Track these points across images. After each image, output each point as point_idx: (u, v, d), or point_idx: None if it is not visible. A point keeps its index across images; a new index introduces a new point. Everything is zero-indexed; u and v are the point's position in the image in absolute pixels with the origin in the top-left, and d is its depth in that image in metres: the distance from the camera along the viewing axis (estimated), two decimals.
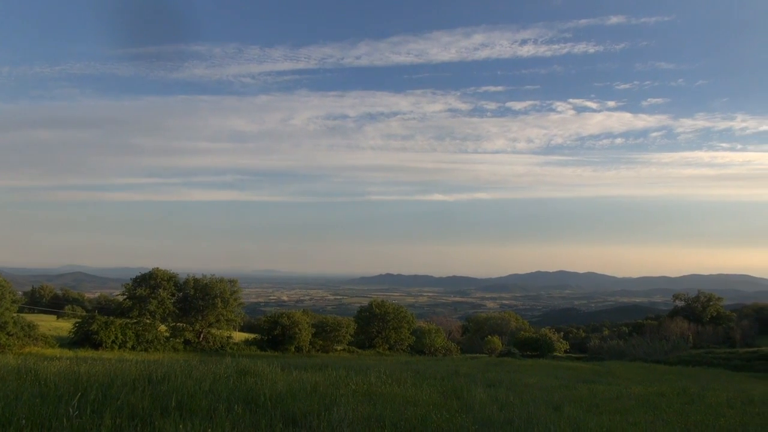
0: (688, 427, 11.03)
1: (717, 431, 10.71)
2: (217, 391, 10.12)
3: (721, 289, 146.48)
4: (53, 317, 67.83)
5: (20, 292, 66.24)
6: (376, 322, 60.20)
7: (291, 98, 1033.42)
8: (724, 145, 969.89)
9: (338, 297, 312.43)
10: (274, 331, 51.64)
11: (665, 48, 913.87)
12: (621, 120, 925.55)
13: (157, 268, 49.40)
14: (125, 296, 48.51)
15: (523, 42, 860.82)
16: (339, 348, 55.69)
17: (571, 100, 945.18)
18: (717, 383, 27.98)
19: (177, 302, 48.85)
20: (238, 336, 54.71)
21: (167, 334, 47.46)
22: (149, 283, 47.78)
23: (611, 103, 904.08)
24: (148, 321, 45.89)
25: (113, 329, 41.49)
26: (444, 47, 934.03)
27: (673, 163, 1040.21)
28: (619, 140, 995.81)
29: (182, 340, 47.36)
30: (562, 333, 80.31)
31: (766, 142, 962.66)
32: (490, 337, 65.47)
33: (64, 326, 51.23)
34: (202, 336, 48.72)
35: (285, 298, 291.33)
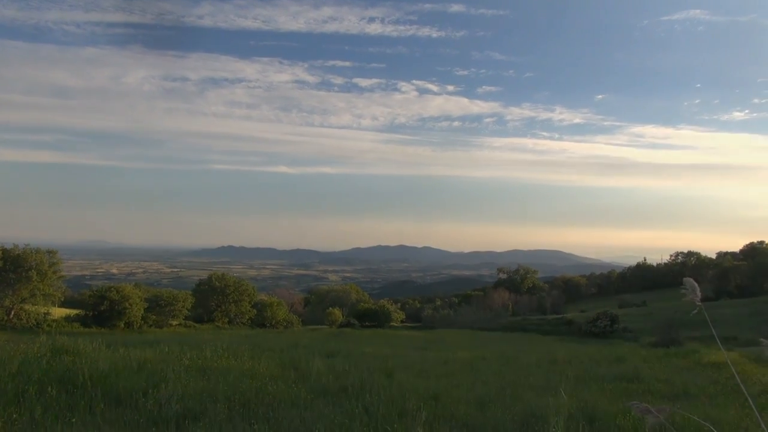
0: (503, 385, 12.26)
1: (526, 388, 12.04)
2: (27, 373, 9.11)
3: (537, 263, 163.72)
4: None
5: None
6: (215, 296, 58.26)
7: (123, 54, 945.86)
8: (544, 134, 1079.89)
9: (175, 270, 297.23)
10: (100, 307, 47.76)
11: (499, 40, 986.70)
12: (459, 104, 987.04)
13: None
14: None
15: (371, 20, 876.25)
16: (175, 323, 53.14)
17: (414, 82, 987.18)
18: (530, 346, 31.44)
19: None
20: (58, 312, 49.72)
21: None
22: None
23: (450, 88, 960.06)
24: None
25: None
26: (292, 16, 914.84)
27: (502, 147, 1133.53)
28: (456, 123, 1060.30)
29: None
30: (399, 304, 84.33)
31: (578, 134, 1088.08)
32: (331, 309, 66.72)
33: None
34: (12, 313, 43.63)
35: (115, 270, 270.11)
